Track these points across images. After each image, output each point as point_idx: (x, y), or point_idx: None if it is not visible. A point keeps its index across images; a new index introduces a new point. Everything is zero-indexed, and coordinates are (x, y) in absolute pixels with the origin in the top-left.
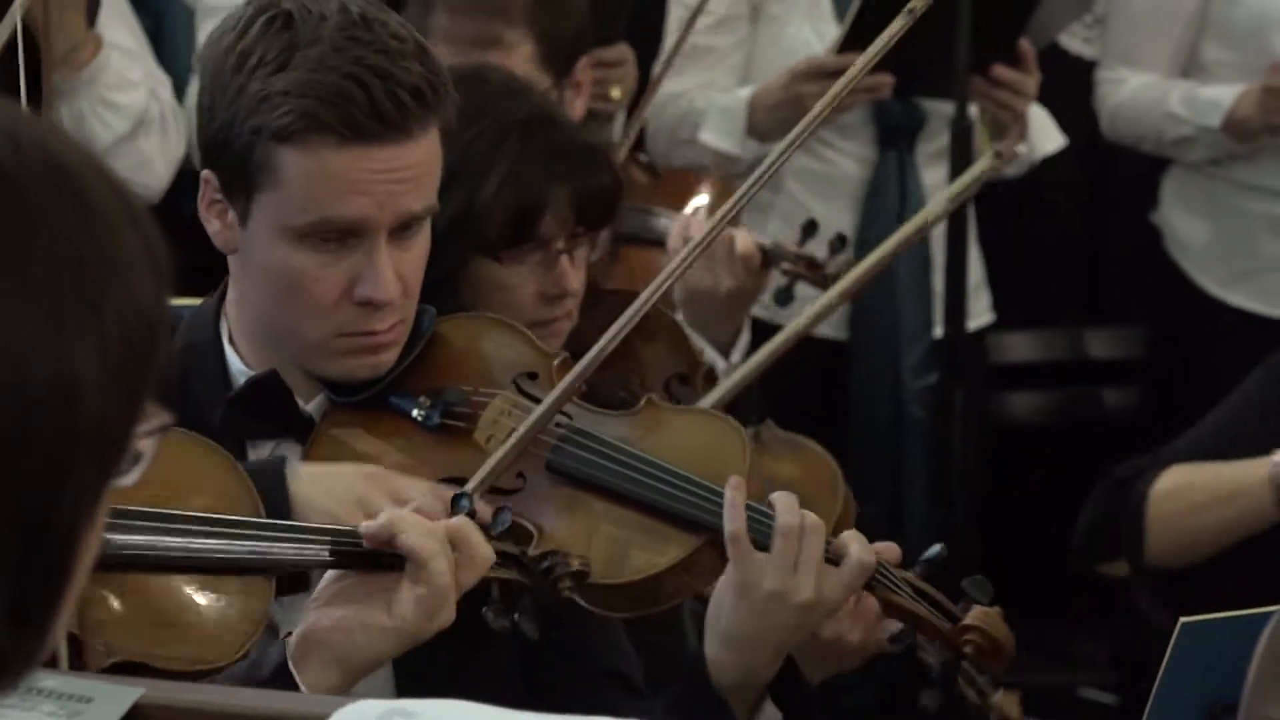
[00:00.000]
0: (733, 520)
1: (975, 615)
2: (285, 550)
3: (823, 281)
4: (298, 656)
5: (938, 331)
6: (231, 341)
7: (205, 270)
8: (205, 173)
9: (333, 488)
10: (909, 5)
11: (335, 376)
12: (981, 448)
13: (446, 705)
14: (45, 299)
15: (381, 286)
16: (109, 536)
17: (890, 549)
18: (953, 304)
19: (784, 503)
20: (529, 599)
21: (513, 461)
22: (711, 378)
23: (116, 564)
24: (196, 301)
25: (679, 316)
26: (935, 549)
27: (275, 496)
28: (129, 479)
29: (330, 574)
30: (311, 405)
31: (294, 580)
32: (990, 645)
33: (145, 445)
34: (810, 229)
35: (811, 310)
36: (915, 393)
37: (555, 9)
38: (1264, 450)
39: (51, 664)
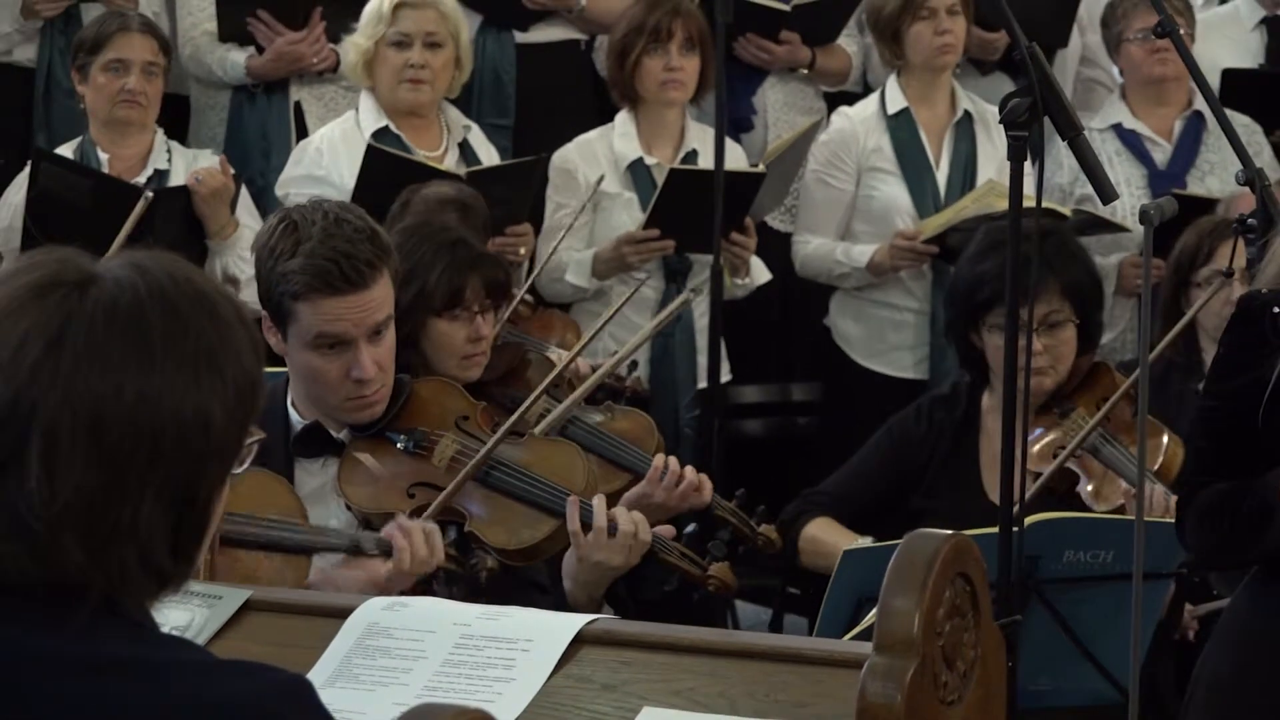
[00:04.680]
0: (571, 521)
1: (715, 568)
2: (321, 542)
3: (622, 390)
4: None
5: (701, 384)
6: (293, 404)
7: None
8: (263, 313)
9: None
10: None
11: (348, 422)
12: (726, 453)
13: (427, 600)
14: (192, 372)
15: (365, 370)
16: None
17: (668, 529)
18: (712, 368)
19: (599, 506)
20: (461, 583)
21: (458, 483)
22: (486, 415)
23: (233, 542)
24: (276, 369)
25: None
26: (691, 526)
27: None
28: (240, 469)
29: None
30: (342, 434)
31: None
32: (723, 584)
33: (247, 450)
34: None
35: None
36: (687, 421)
37: (474, 218)
38: (891, 481)
39: None
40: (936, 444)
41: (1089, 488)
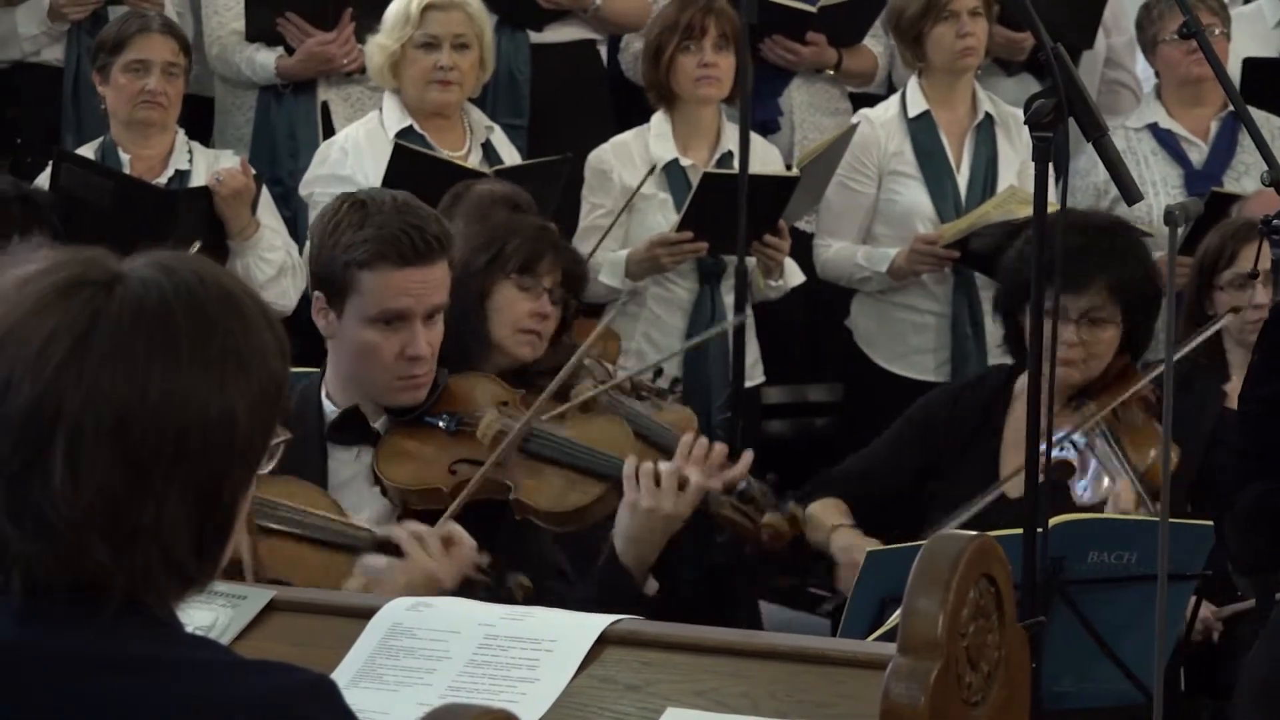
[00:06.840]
0: (628, 469)
1: (768, 518)
2: (353, 539)
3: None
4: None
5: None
6: (328, 396)
7: (309, 353)
8: (316, 293)
9: None
10: None
11: (393, 405)
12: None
13: (451, 600)
14: (218, 372)
15: (420, 348)
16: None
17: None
18: (736, 369)
19: (631, 461)
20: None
21: (504, 449)
22: (526, 401)
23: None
24: (302, 369)
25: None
26: (743, 484)
27: None
28: (265, 470)
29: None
30: (379, 424)
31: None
32: (776, 533)
33: (272, 449)
34: (658, 373)
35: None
36: (719, 421)
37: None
38: (915, 464)
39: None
40: (963, 427)
41: (1078, 482)
